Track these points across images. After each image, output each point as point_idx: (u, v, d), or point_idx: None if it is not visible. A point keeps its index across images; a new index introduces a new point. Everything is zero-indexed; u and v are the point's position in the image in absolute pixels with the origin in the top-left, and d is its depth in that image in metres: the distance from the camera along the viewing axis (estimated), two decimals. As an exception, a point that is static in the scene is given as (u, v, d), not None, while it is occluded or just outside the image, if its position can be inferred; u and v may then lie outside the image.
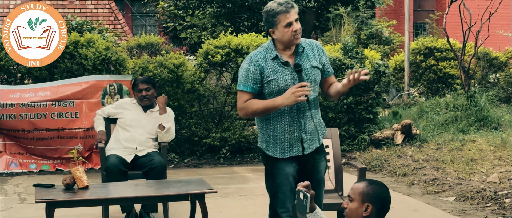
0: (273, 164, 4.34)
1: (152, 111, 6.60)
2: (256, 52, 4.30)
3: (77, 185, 5.21)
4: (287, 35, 4.18)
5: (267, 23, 4.26)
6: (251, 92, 4.22)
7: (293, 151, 4.30)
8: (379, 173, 8.91)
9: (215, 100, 10.23)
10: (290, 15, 4.17)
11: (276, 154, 4.31)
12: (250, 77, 4.21)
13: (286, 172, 4.31)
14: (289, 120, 4.26)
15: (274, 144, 4.31)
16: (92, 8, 18.66)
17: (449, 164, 8.68)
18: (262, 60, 4.23)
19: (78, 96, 9.10)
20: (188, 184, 5.53)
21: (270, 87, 4.21)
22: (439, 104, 11.89)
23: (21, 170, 8.98)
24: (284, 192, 4.31)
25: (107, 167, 6.17)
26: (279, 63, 4.23)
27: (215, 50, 9.76)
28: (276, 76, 4.21)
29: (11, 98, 8.90)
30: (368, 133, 10.13)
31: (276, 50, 4.26)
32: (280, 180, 4.31)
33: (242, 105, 4.26)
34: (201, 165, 9.60)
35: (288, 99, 4.11)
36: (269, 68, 4.22)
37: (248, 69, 4.23)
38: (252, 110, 4.23)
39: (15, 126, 8.92)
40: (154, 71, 9.45)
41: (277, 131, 4.28)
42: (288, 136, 4.27)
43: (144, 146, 6.46)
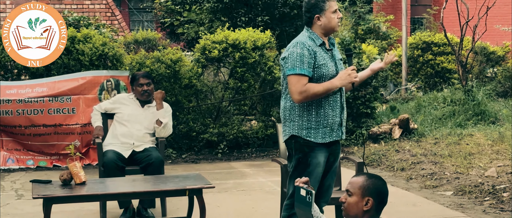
0: (309, 152, 4.43)
1: (149, 106, 6.58)
2: (303, 39, 4.45)
3: (74, 180, 5.20)
4: (334, 21, 4.44)
5: (315, 8, 4.43)
6: (307, 75, 4.35)
7: (333, 135, 4.45)
8: (377, 167, 8.90)
9: (213, 95, 10.22)
10: (335, 3, 4.48)
11: (317, 139, 4.41)
12: (305, 61, 4.35)
13: (319, 161, 4.45)
14: (333, 105, 4.42)
15: (316, 130, 4.41)
16: (88, 4, 18.60)
17: (447, 159, 8.67)
18: (313, 46, 4.40)
19: (75, 91, 9.08)
20: (186, 179, 5.52)
21: (321, 71, 4.37)
22: (437, 99, 11.88)
23: (18, 166, 8.96)
24: (315, 181, 4.44)
25: (105, 163, 6.15)
26: (324, 49, 4.44)
27: (212, 45, 9.74)
28: (325, 62, 4.40)
29: (8, 94, 8.88)
30: (365, 128, 10.12)
31: (320, 38, 4.44)
32: (313, 168, 4.43)
33: (303, 88, 4.33)
34: (199, 160, 9.59)
35: (345, 80, 4.34)
36: (319, 54, 4.39)
37: (303, 53, 4.35)
38: (313, 92, 4.32)
39: (12, 122, 8.90)
40: (152, 66, 9.43)
41: (321, 116, 4.41)
42: (330, 121, 4.42)
43: (141, 142, 6.43)
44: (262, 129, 10.08)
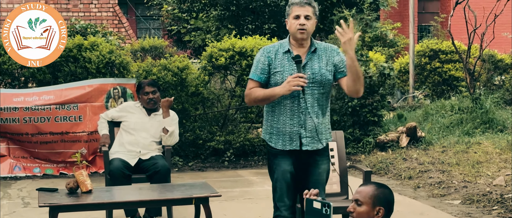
0: (273, 159, 4.49)
1: (156, 114, 6.56)
2: (270, 45, 4.51)
3: (81, 189, 5.18)
4: (293, 27, 4.35)
5: (285, 14, 4.46)
6: (257, 80, 4.42)
7: (292, 144, 4.41)
8: (384, 176, 8.86)
9: (219, 103, 10.20)
10: (302, 9, 4.33)
11: (277, 145, 4.44)
12: (259, 67, 4.42)
13: (284, 169, 4.43)
14: (290, 113, 4.38)
15: (276, 136, 4.45)
16: (96, 12, 18.64)
17: (454, 167, 8.62)
18: (273, 53, 4.41)
19: (82, 99, 9.07)
20: (192, 187, 5.49)
21: (276, 78, 4.37)
22: (444, 107, 11.83)
23: (25, 174, 8.95)
24: (281, 187, 4.44)
25: (111, 171, 6.14)
26: (289, 57, 4.37)
27: (219, 53, 9.73)
28: (282, 69, 4.36)
29: (14, 102, 8.88)
30: (373, 136, 10.08)
31: (289, 45, 4.40)
32: (277, 175, 4.45)
33: (248, 92, 4.46)
34: (205, 168, 9.57)
35: (284, 88, 4.25)
36: (278, 61, 4.38)
37: (259, 59, 4.44)
38: (254, 96, 4.40)
39: (18, 130, 8.89)
40: (158, 74, 9.42)
41: (280, 123, 4.42)
42: (288, 129, 4.39)
43: (148, 150, 6.42)
44: (269, 137, 10.03)
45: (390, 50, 19.79)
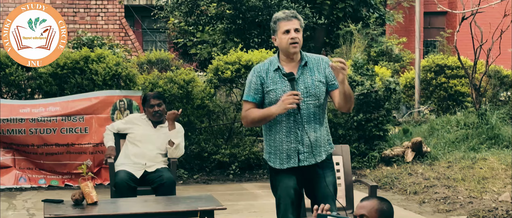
0: (275, 176, 4.48)
1: (161, 126, 6.57)
2: (260, 64, 4.49)
3: (86, 200, 5.18)
4: (284, 42, 4.33)
5: (271, 29, 4.44)
6: (252, 101, 4.41)
7: (290, 162, 4.39)
8: (389, 190, 8.84)
9: (225, 116, 10.21)
10: (290, 23, 4.33)
11: (276, 164, 4.43)
12: (252, 88, 4.41)
13: (287, 185, 4.41)
14: (286, 131, 4.36)
15: (274, 155, 4.44)
16: (102, 24, 18.72)
17: (460, 182, 8.60)
18: (264, 72, 4.40)
19: (88, 111, 9.09)
20: (198, 200, 5.49)
21: (270, 97, 4.36)
22: (450, 122, 11.81)
23: (30, 185, 8.97)
24: (285, 204, 4.41)
25: (116, 183, 6.14)
26: (280, 74, 4.36)
27: (225, 66, 9.75)
28: (275, 87, 4.35)
29: (21, 113, 8.90)
30: (378, 151, 10.07)
31: (278, 62, 4.39)
32: (280, 192, 4.42)
33: (244, 114, 4.46)
34: (210, 181, 9.56)
35: (280, 107, 4.24)
36: (270, 79, 4.37)
37: (251, 80, 4.43)
38: (251, 118, 4.40)
39: (24, 141, 8.91)
40: (164, 86, 9.44)
41: (277, 142, 4.40)
42: (285, 147, 4.38)
43: (153, 162, 6.42)
44: (274, 150, 10.03)
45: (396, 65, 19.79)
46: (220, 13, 13.43)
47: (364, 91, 9.96)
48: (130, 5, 21.04)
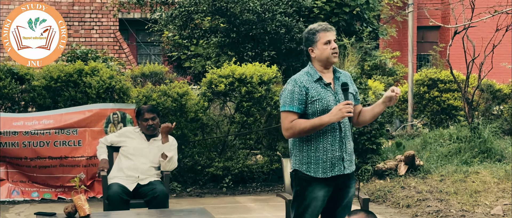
0: (306, 186, 4.48)
1: (155, 139, 6.59)
2: (299, 75, 4.52)
3: (79, 213, 5.20)
4: (326, 52, 4.44)
5: (307, 42, 4.50)
6: (297, 112, 4.43)
7: (334, 170, 4.46)
8: (382, 204, 8.86)
9: (219, 129, 10.23)
10: (330, 33, 4.47)
11: (317, 173, 4.45)
12: (295, 98, 4.43)
13: (317, 195, 4.47)
14: (331, 140, 4.43)
15: (315, 164, 4.45)
16: (97, 37, 18.75)
17: (452, 196, 8.63)
18: (307, 82, 4.45)
19: (81, 124, 9.10)
20: (190, 213, 5.52)
21: (315, 107, 4.41)
22: (443, 136, 11.84)
23: (23, 198, 8.96)
24: (311, 214, 4.48)
25: (109, 196, 6.15)
26: (322, 85, 4.45)
27: (219, 79, 9.78)
28: (320, 97, 4.41)
29: (14, 126, 8.90)
30: (371, 164, 10.10)
31: (317, 73, 4.47)
32: (309, 201, 4.47)
33: (289, 125, 4.43)
34: (204, 194, 9.57)
35: (336, 115, 4.30)
36: (313, 90, 4.42)
37: (293, 90, 4.44)
38: (299, 129, 4.39)
39: (17, 154, 8.91)
40: (158, 100, 9.46)
41: (319, 151, 4.44)
42: (330, 156, 4.44)
43: (146, 175, 6.44)
44: (268, 163, 10.07)
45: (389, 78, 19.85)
46: (214, 26, 13.46)
47: (357, 105, 9.99)
48: (124, 19, 21.07)
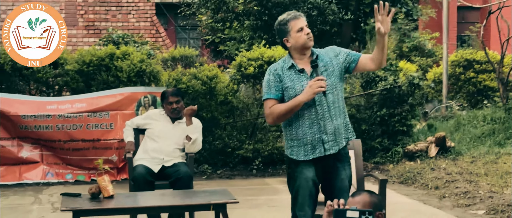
0: (294, 168, 4.52)
1: (179, 122, 6.67)
2: (274, 64, 4.59)
3: (103, 194, 5.31)
4: (301, 39, 4.43)
5: (280, 33, 4.52)
6: (274, 98, 4.47)
7: (315, 152, 4.45)
8: (411, 185, 8.84)
9: (249, 112, 10.30)
10: (299, 21, 4.46)
11: (299, 156, 4.48)
12: (272, 85, 4.48)
13: (306, 176, 4.47)
14: (309, 123, 4.44)
15: (297, 148, 4.49)
16: (134, 22, 18.95)
17: (482, 177, 8.57)
18: (280, 70, 4.49)
19: (113, 107, 9.26)
20: (212, 194, 5.58)
21: (289, 93, 4.43)
22: (477, 117, 11.74)
23: (57, 180, 9.17)
24: (303, 195, 4.47)
25: (134, 177, 6.27)
26: (296, 71, 4.46)
27: (248, 62, 9.84)
28: (293, 83, 4.43)
29: (48, 110, 9.11)
30: (401, 146, 10.07)
31: (292, 60, 4.48)
32: (299, 183, 4.48)
33: (268, 111, 4.50)
34: (234, 176, 9.67)
35: (307, 93, 4.32)
36: (286, 77, 4.45)
37: (269, 78, 4.51)
38: (277, 112, 4.43)
39: (52, 137, 9.12)
40: (188, 83, 9.57)
41: (300, 135, 4.46)
42: (309, 138, 4.44)
43: (171, 157, 6.53)
44: (298, 145, 10.09)
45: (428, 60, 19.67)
46: (247, 9, 13.52)
47: (387, 86, 9.97)
48: (161, 3, 21.24)
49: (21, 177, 9.10)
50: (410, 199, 7.99)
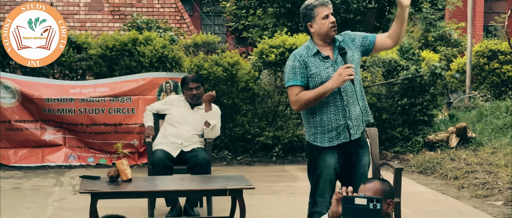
0: (317, 155, 4.54)
1: (198, 108, 6.74)
2: (299, 50, 4.59)
3: (121, 177, 5.39)
4: (324, 27, 4.45)
5: (305, 18, 4.54)
6: (301, 85, 4.46)
7: (340, 138, 4.49)
8: (430, 175, 8.83)
9: (270, 99, 10.33)
10: (327, 8, 4.49)
11: (324, 143, 4.50)
12: (297, 72, 4.47)
13: (328, 163, 4.51)
14: (334, 110, 4.47)
15: (322, 134, 4.51)
16: (158, 7, 19.00)
17: (502, 169, 8.53)
18: (305, 56, 4.49)
19: (135, 92, 9.35)
20: (229, 180, 5.66)
21: (314, 80, 4.44)
22: (499, 108, 11.67)
23: (79, 163, 9.29)
24: (325, 182, 4.53)
25: (153, 161, 6.35)
26: (320, 58, 4.48)
27: (269, 49, 9.86)
28: (318, 70, 4.45)
29: (71, 93, 9.22)
30: (422, 136, 10.05)
31: (316, 46, 4.50)
32: (321, 169, 4.52)
33: (295, 98, 4.48)
34: (253, 163, 9.72)
35: (337, 81, 4.33)
36: (311, 64, 4.46)
37: (294, 65, 4.50)
38: (305, 99, 4.43)
39: (74, 120, 9.24)
40: (209, 69, 9.62)
41: (324, 122, 4.48)
42: (334, 125, 4.47)
43: (189, 142, 6.60)
44: (318, 133, 10.11)
45: (454, 49, 19.55)
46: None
47: (408, 76, 9.94)
48: (186, -11, 21.29)
49: (44, 159, 9.24)
50: (428, 189, 7.99)
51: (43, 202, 7.04)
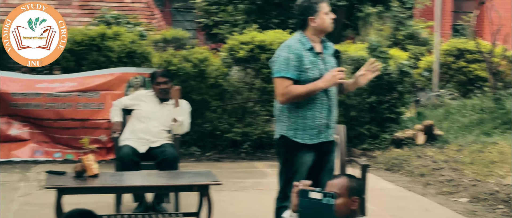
0: (295, 152, 4.55)
1: (167, 103, 6.72)
2: (292, 42, 4.56)
3: (87, 173, 5.37)
4: (327, 22, 4.54)
5: (308, 11, 4.53)
6: (291, 78, 4.46)
7: (320, 137, 4.54)
8: (396, 172, 8.91)
9: (239, 95, 10.33)
10: (327, 5, 4.58)
11: (305, 140, 4.52)
12: (291, 64, 4.46)
13: (306, 161, 4.56)
14: (320, 107, 4.51)
15: (303, 131, 4.52)
16: (129, 2, 18.87)
17: (467, 166, 8.65)
18: (300, 50, 4.50)
19: (103, 87, 9.29)
20: (196, 176, 5.66)
21: (307, 75, 4.46)
22: (466, 106, 11.81)
23: (46, 158, 9.20)
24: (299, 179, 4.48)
25: (120, 157, 6.32)
26: (313, 53, 4.52)
27: (239, 46, 9.86)
28: (312, 66, 4.48)
29: (38, 88, 9.13)
30: (390, 133, 10.13)
31: (309, 41, 4.53)
32: (298, 167, 4.56)
33: (284, 90, 4.46)
34: (222, 159, 9.72)
35: (330, 81, 4.41)
36: (306, 58, 4.48)
37: (288, 56, 4.48)
38: (295, 94, 4.44)
39: (41, 115, 9.15)
40: (179, 65, 9.59)
41: (308, 118, 4.51)
42: (317, 123, 4.51)
43: (157, 138, 6.58)
44: (287, 130, 10.14)
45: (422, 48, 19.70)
46: (241, -7, 13.57)
47: (377, 73, 10.00)
48: (156, -16, 21.18)
49: (10, 154, 9.13)
50: (394, 186, 8.06)
51: (9, 197, 6.97)
